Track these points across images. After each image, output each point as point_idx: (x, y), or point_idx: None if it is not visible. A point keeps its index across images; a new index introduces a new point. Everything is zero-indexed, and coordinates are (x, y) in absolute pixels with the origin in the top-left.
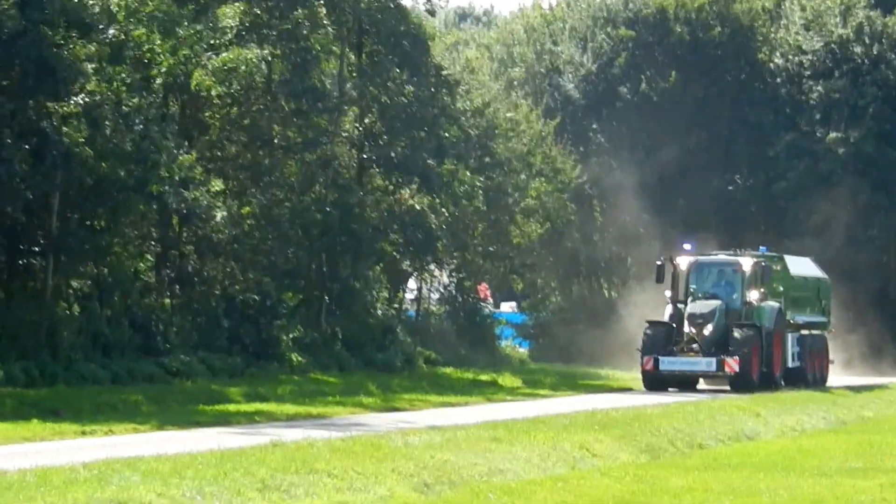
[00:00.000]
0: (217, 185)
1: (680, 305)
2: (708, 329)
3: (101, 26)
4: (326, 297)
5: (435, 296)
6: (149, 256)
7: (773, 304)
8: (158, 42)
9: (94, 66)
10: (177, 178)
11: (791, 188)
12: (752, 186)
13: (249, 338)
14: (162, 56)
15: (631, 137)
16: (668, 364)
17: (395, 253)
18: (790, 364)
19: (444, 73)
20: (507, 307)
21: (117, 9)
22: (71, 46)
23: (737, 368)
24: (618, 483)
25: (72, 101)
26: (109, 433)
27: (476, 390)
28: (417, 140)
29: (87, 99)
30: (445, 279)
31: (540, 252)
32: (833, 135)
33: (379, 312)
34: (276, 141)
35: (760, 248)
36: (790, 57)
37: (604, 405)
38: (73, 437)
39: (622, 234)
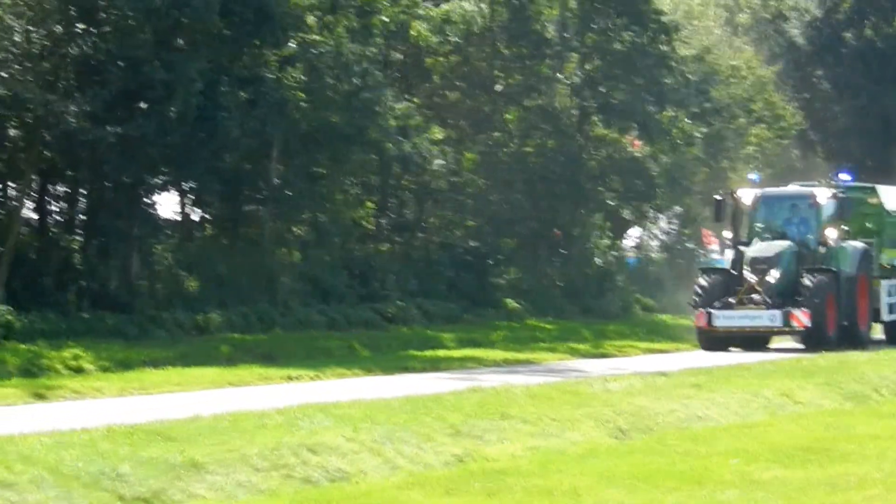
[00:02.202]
0: (437, 132)
1: (743, 249)
2: (773, 276)
3: None
4: (545, 245)
5: (655, 243)
6: (369, 203)
7: (857, 244)
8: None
9: (313, 14)
10: (396, 125)
11: None
12: None
13: (467, 285)
14: (382, 5)
15: (854, 83)
16: (724, 319)
17: (613, 202)
18: (886, 317)
19: (664, 18)
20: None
21: None
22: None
23: (807, 323)
24: (805, 430)
25: (290, 46)
26: (316, 378)
27: (690, 337)
28: (637, 87)
29: (306, 46)
30: (665, 226)
31: None
32: None
33: (597, 260)
34: (496, 88)
35: (843, 175)
36: None
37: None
38: (279, 382)
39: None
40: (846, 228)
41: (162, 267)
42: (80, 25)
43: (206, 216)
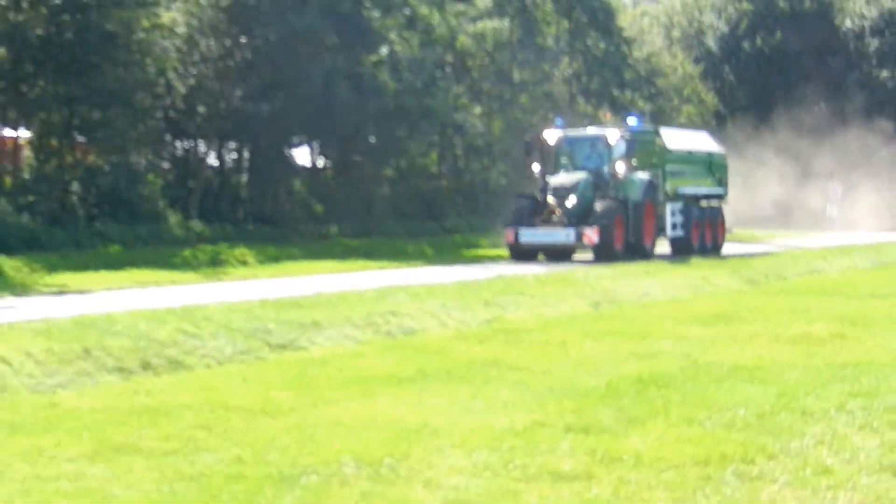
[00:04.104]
0: (476, 109)
1: (549, 179)
2: (571, 201)
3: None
4: None
5: None
6: (433, 156)
7: (643, 176)
8: (436, 17)
9: (394, 32)
10: (451, 104)
11: None
12: None
13: (497, 206)
14: (438, 26)
15: (749, 77)
16: (529, 236)
17: None
18: (670, 233)
19: (625, 34)
20: None
21: None
22: (378, 17)
23: (596, 239)
24: (716, 303)
25: (381, 52)
26: (397, 268)
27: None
28: (607, 79)
29: (391, 52)
30: None
31: None
32: None
33: None
34: (514, 79)
35: (630, 120)
36: None
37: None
38: (374, 270)
39: None
40: (634, 163)
41: (298, 196)
42: (242, 39)
43: (327, 163)
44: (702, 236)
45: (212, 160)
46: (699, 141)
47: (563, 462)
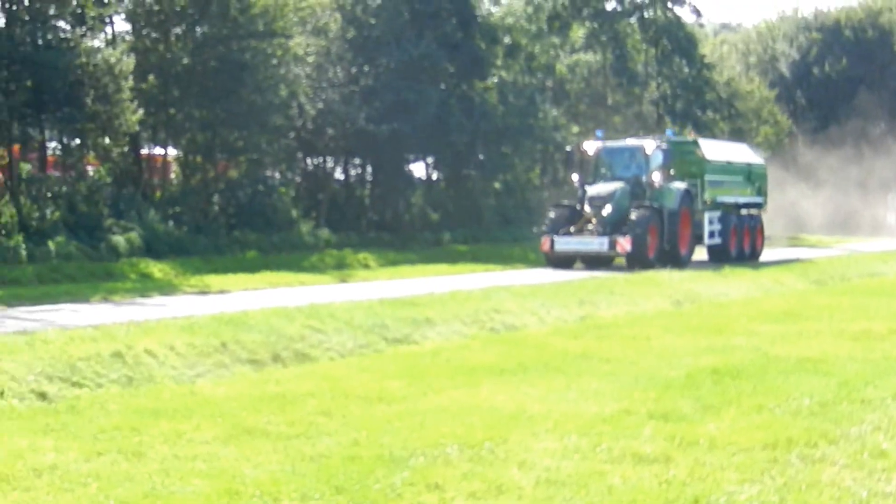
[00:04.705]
0: (574, 128)
1: (587, 188)
2: (607, 210)
3: (505, 39)
4: None
5: None
6: (536, 171)
7: (680, 185)
8: (537, 48)
9: (500, 61)
10: (551, 124)
11: None
12: None
13: None
14: (539, 56)
15: (819, 100)
16: (563, 244)
17: None
18: (707, 241)
19: (706, 60)
20: None
21: (514, 30)
22: (487, 49)
23: (628, 248)
24: (785, 302)
25: (491, 80)
26: (502, 270)
27: None
28: (690, 100)
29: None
30: None
31: None
32: None
33: None
34: (608, 102)
35: (668, 131)
36: None
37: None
38: (481, 272)
39: None
40: (672, 173)
41: (415, 206)
42: (366, 66)
43: (441, 177)
44: (739, 244)
45: (338, 174)
46: (739, 152)
47: (645, 446)
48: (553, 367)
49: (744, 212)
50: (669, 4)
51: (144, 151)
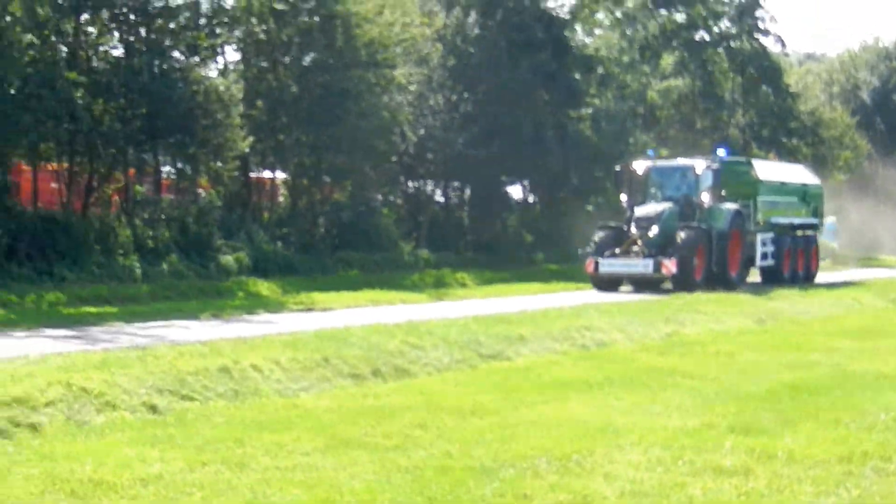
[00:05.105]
0: (664, 152)
1: (635, 209)
2: (653, 231)
3: (599, 69)
4: None
5: None
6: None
7: (731, 206)
8: (629, 76)
9: (593, 89)
10: (642, 149)
11: None
12: None
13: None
14: (630, 83)
15: None
16: (607, 266)
17: None
18: (759, 263)
19: (791, 89)
20: None
21: (608, 61)
22: (581, 79)
23: (674, 270)
24: (863, 319)
25: (582, 111)
26: (592, 288)
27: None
28: (774, 127)
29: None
30: None
31: None
32: None
33: None
34: (697, 126)
35: (719, 151)
36: None
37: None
38: (573, 291)
39: None
40: (723, 193)
41: (511, 228)
42: (465, 94)
43: (537, 200)
44: (793, 266)
45: (438, 197)
46: (794, 172)
47: (725, 458)
48: (639, 383)
49: (798, 233)
50: (755, 35)
51: (254, 175)
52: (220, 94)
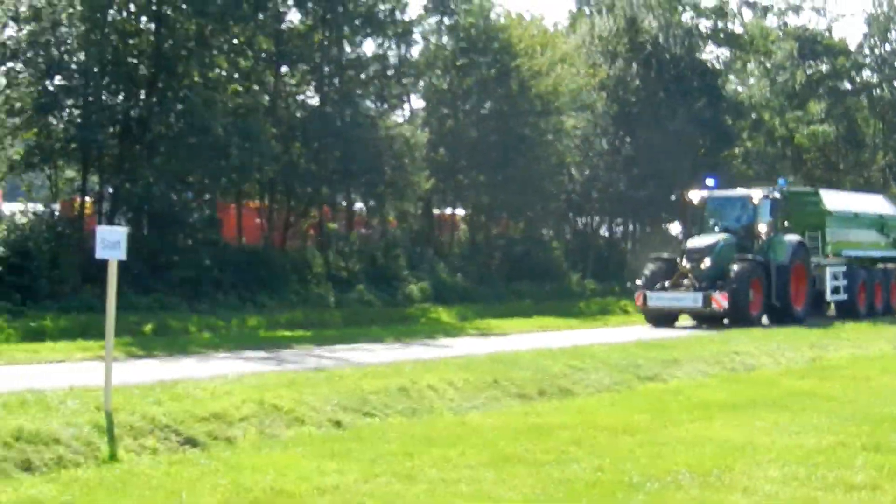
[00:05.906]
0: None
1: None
2: (706, 263)
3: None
4: None
5: None
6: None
7: (793, 237)
8: (777, 121)
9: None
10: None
11: None
12: None
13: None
14: (778, 127)
15: None
16: (656, 299)
17: None
18: (830, 297)
19: None
20: None
21: (759, 107)
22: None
23: (725, 304)
24: None
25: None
26: (623, 324)
27: None
28: None
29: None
30: None
31: None
32: None
33: None
34: (840, 167)
35: (780, 181)
36: None
37: None
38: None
39: None
40: (786, 224)
41: None
42: (627, 139)
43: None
44: (870, 300)
45: (603, 232)
46: (870, 203)
47: (856, 475)
48: (780, 404)
49: (878, 266)
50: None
51: (436, 212)
52: (407, 139)
